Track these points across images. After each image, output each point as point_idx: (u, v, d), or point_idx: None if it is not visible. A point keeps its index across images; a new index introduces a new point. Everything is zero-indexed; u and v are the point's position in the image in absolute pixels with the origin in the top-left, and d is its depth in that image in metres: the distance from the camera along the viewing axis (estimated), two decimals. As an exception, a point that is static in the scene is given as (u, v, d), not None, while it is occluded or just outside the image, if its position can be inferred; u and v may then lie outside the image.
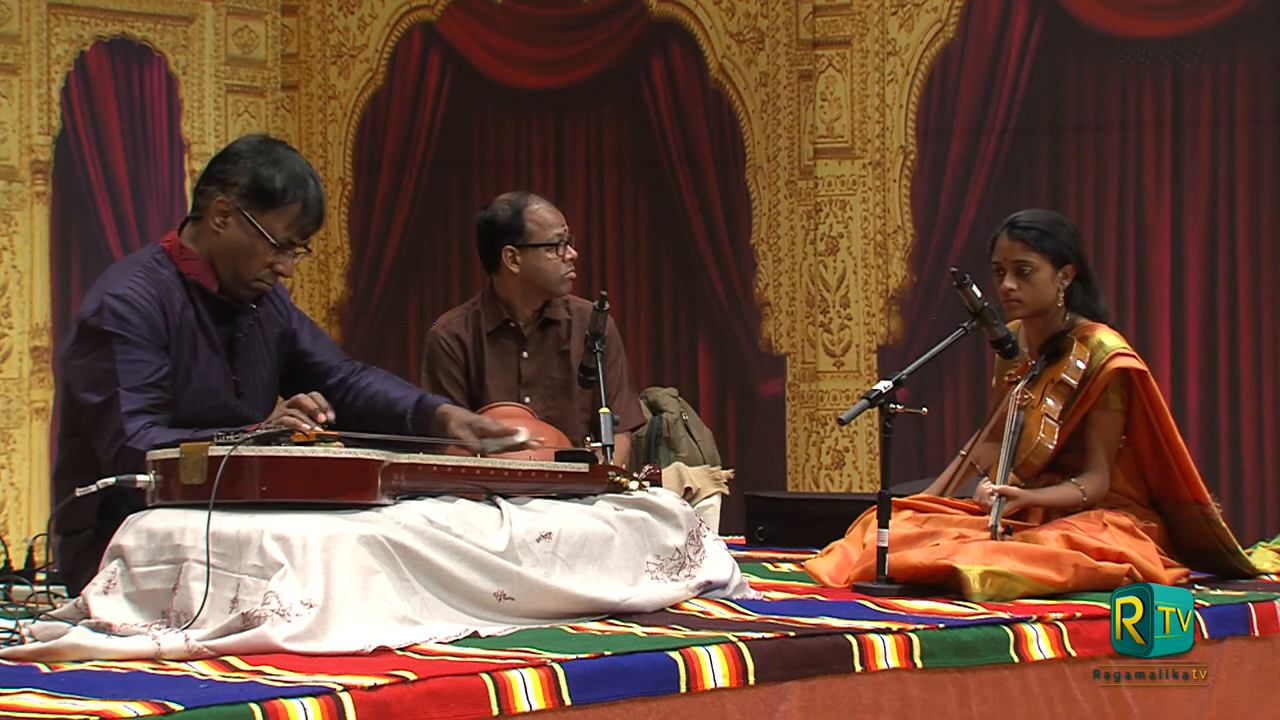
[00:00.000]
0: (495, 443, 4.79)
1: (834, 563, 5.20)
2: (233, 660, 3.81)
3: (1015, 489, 5.14)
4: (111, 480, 4.17)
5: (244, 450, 4.08)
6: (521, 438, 4.79)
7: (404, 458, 4.27)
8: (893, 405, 5.01)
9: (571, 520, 4.41)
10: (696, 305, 9.20)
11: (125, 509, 4.22)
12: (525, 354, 6.22)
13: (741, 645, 4.06)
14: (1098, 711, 4.57)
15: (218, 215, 4.71)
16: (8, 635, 4.01)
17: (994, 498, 5.09)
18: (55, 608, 4.21)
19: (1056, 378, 5.24)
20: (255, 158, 4.71)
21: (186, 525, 4.04)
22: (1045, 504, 5.19)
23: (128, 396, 4.55)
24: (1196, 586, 5.17)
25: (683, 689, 3.95)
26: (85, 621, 4.01)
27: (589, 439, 5.28)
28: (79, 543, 4.67)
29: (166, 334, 4.66)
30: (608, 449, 5.32)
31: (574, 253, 6.22)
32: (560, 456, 4.67)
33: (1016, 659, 4.47)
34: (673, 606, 4.52)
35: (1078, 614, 4.65)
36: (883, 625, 4.35)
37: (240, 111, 9.33)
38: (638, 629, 4.25)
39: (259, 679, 3.63)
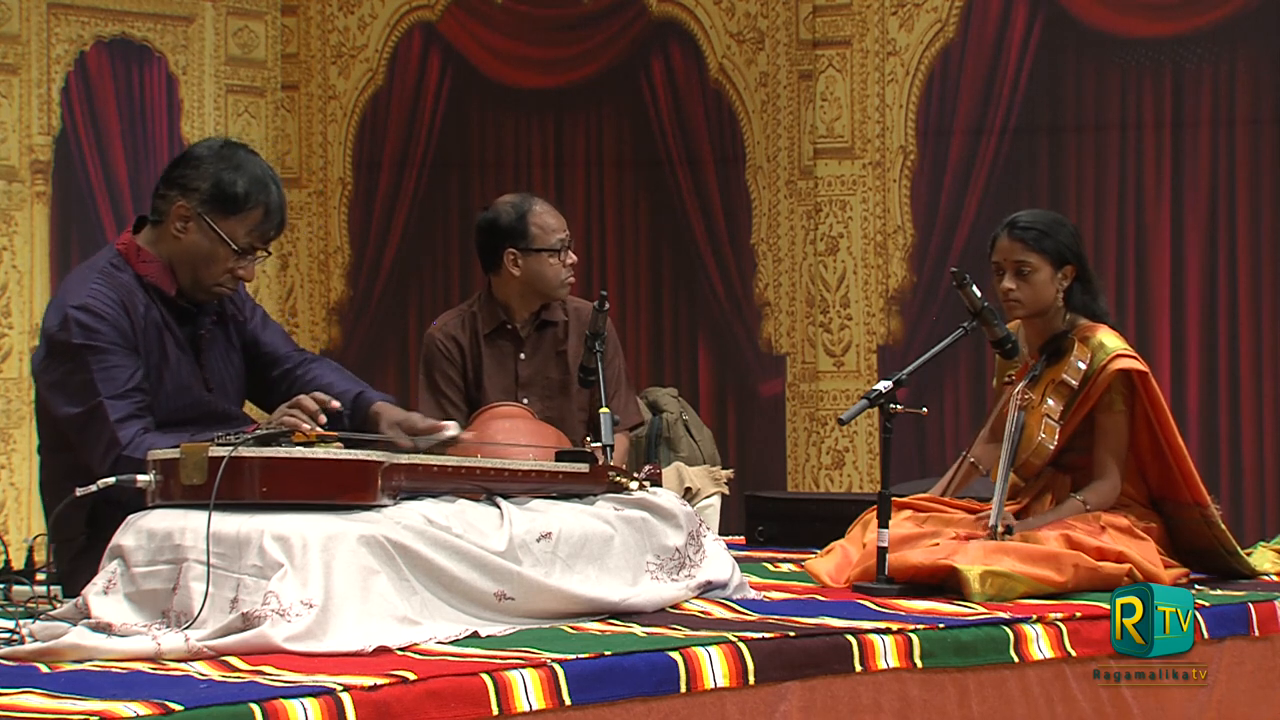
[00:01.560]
0: (426, 440, 4.74)
1: (834, 563, 5.20)
2: (233, 660, 3.81)
3: (1017, 523, 5.14)
4: (112, 480, 4.16)
5: (244, 451, 4.08)
6: (451, 432, 4.73)
7: (404, 458, 4.27)
8: (893, 405, 5.01)
9: (571, 520, 4.41)
10: (696, 305, 9.20)
11: (119, 514, 4.21)
12: (522, 355, 6.21)
13: (741, 645, 4.06)
14: (1098, 711, 4.57)
15: (178, 220, 4.65)
16: (8, 635, 4.00)
17: (995, 496, 5.09)
18: (55, 608, 4.21)
19: (1057, 378, 5.24)
20: (216, 162, 4.64)
21: (186, 525, 4.03)
22: (1054, 522, 5.18)
23: (113, 405, 4.51)
24: (1196, 586, 5.17)
25: (683, 689, 3.95)
26: (85, 621, 4.01)
27: (588, 439, 5.28)
28: (73, 550, 4.65)
29: (135, 337, 4.61)
30: (607, 449, 5.32)
31: (574, 258, 6.21)
32: (560, 456, 4.67)
33: (1016, 659, 4.47)
34: (673, 606, 4.52)
35: (1078, 614, 4.65)
36: (883, 625, 4.35)
37: (240, 111, 9.33)
38: (638, 629, 4.25)
39: (259, 679, 3.63)
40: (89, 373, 4.53)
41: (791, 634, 4.21)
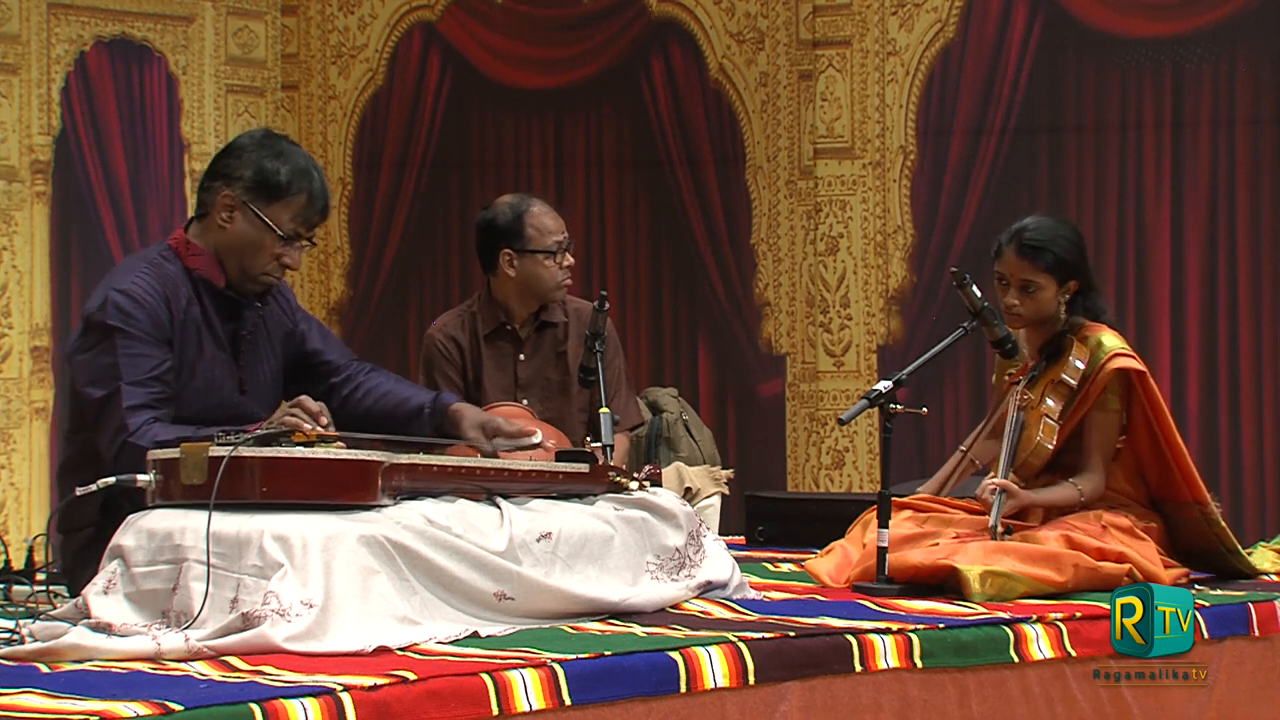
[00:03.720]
0: (508, 443, 4.79)
1: (834, 563, 5.20)
2: (233, 660, 3.81)
3: (1015, 487, 5.14)
4: (112, 480, 4.17)
5: (244, 451, 4.08)
6: (537, 439, 4.80)
7: (404, 458, 4.27)
8: (893, 405, 5.01)
9: (571, 520, 4.41)
10: (696, 305, 9.20)
11: (129, 506, 4.22)
12: (522, 356, 6.21)
13: (741, 645, 4.06)
14: (1098, 711, 4.57)
15: (224, 210, 4.74)
16: (8, 635, 4.01)
17: (995, 494, 5.08)
18: (55, 608, 4.22)
19: (1056, 378, 5.24)
20: (259, 151, 4.74)
21: (186, 525, 4.04)
22: (1044, 504, 5.18)
23: (130, 391, 4.57)
24: (1196, 586, 5.17)
25: (683, 689, 3.95)
26: (85, 621, 4.01)
27: (588, 439, 5.28)
28: (79, 541, 4.67)
29: (170, 329, 4.67)
30: (608, 449, 5.32)
31: (572, 260, 6.21)
32: (561, 456, 4.67)
33: (1016, 659, 4.47)
34: (673, 606, 4.52)
35: (1078, 614, 4.65)
36: (883, 625, 4.35)
37: (240, 111, 9.33)
38: (638, 629, 4.25)
39: (259, 679, 3.63)
40: (114, 355, 4.59)
41: (791, 634, 4.21)
